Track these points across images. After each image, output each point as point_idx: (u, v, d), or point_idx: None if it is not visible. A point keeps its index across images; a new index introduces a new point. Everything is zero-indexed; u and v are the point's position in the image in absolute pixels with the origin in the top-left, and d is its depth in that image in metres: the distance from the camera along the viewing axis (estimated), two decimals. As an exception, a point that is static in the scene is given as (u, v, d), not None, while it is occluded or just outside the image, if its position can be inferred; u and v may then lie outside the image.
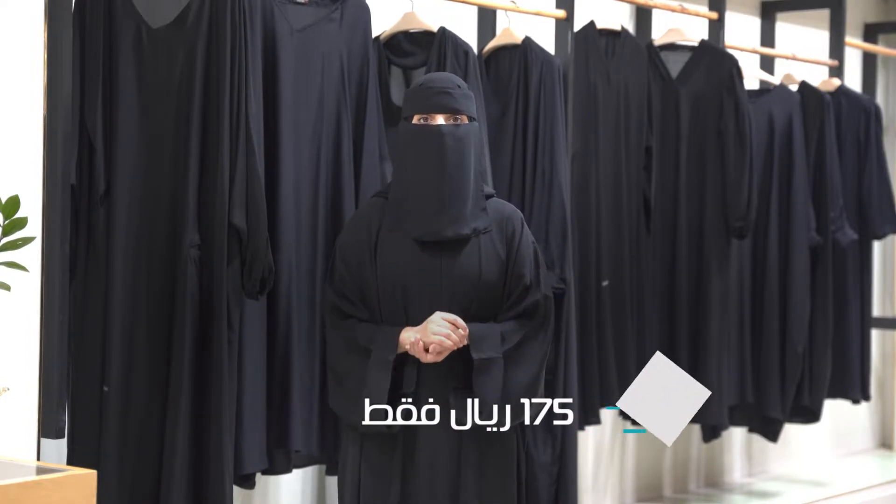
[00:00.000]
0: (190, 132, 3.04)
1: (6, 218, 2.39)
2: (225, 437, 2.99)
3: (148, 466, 3.01)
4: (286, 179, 3.23)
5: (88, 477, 2.34)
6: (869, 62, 6.01)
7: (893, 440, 6.46)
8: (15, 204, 2.40)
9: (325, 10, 3.34)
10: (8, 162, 2.80)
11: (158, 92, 3.06)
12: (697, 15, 4.76)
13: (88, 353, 3.01)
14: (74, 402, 3.01)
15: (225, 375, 3.00)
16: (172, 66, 3.06)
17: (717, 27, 4.79)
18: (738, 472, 5.60)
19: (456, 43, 3.67)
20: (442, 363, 2.97)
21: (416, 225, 3.00)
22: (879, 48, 5.99)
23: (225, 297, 3.02)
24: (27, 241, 2.44)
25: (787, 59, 5.33)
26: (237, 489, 3.23)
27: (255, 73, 3.10)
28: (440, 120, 3.02)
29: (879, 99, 6.04)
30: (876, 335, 6.12)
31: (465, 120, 3.04)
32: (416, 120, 3.04)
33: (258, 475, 3.27)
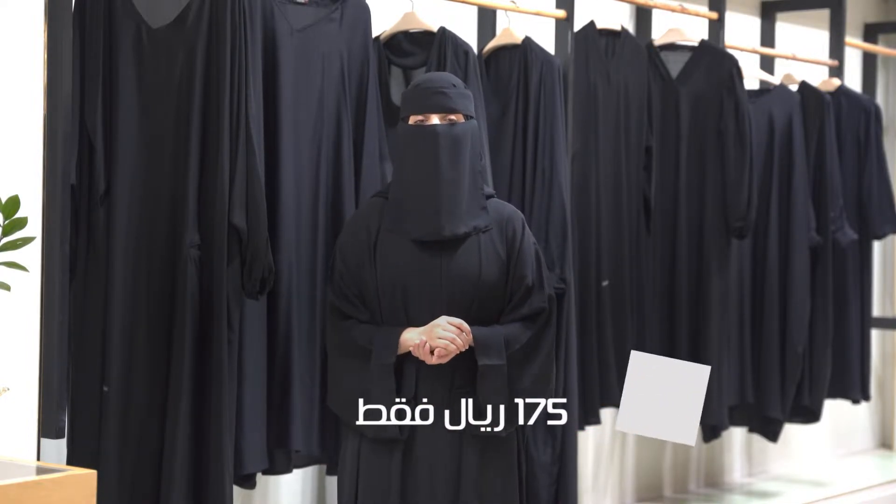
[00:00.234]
0: (190, 132, 3.04)
1: (6, 218, 2.39)
2: (225, 437, 2.99)
3: (148, 466, 3.01)
4: (286, 179, 3.23)
5: (88, 477, 2.34)
6: (869, 62, 6.00)
7: (893, 440, 6.45)
8: (15, 204, 2.39)
9: (325, 10, 3.34)
10: (8, 162, 2.79)
11: (158, 92, 3.06)
12: (697, 15, 4.76)
13: (88, 353, 3.01)
14: (74, 402, 3.01)
15: (225, 375, 3.00)
16: (172, 66, 3.05)
17: (717, 27, 4.79)
18: (738, 472, 5.60)
19: (456, 43, 3.67)
20: (443, 365, 2.97)
21: (414, 225, 3.00)
22: (879, 48, 5.99)
23: (225, 297, 3.01)
24: (27, 241, 2.44)
25: (787, 59, 5.33)
26: (237, 489, 3.23)
27: (255, 73, 3.10)
28: (435, 120, 3.02)
29: (879, 99, 6.03)
30: (876, 335, 6.12)
31: (461, 119, 3.04)
32: (412, 120, 3.05)
33: (258, 475, 3.27)
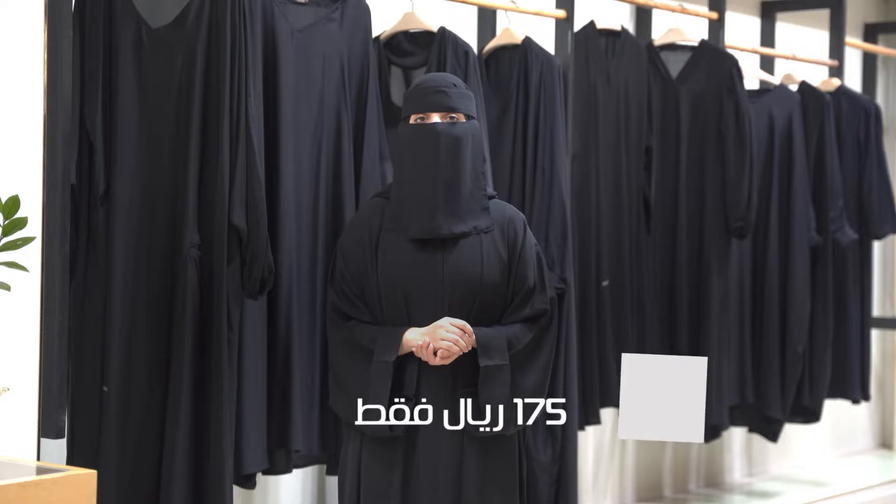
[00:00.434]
0: (190, 132, 3.04)
1: (6, 218, 2.39)
2: (225, 437, 2.99)
3: (148, 466, 3.01)
4: (286, 179, 3.23)
5: (88, 477, 2.34)
6: (869, 62, 6.00)
7: (893, 440, 6.45)
8: (15, 204, 2.40)
9: (325, 10, 3.34)
10: (8, 162, 2.79)
11: (158, 92, 3.05)
12: (697, 15, 4.76)
13: (88, 353, 3.01)
14: (74, 402, 3.01)
15: (225, 375, 3.00)
16: (172, 66, 3.05)
17: (717, 27, 4.79)
18: (738, 472, 5.60)
19: (456, 43, 3.67)
20: (445, 365, 2.97)
21: (414, 224, 3.00)
22: (879, 48, 5.99)
23: (225, 296, 3.01)
24: (27, 241, 2.44)
25: (787, 59, 5.33)
26: (237, 489, 3.23)
27: (255, 73, 3.10)
28: (436, 118, 3.02)
29: (879, 99, 6.03)
30: (876, 335, 6.12)
31: (461, 118, 3.04)
32: (413, 120, 3.05)
33: (258, 475, 3.27)
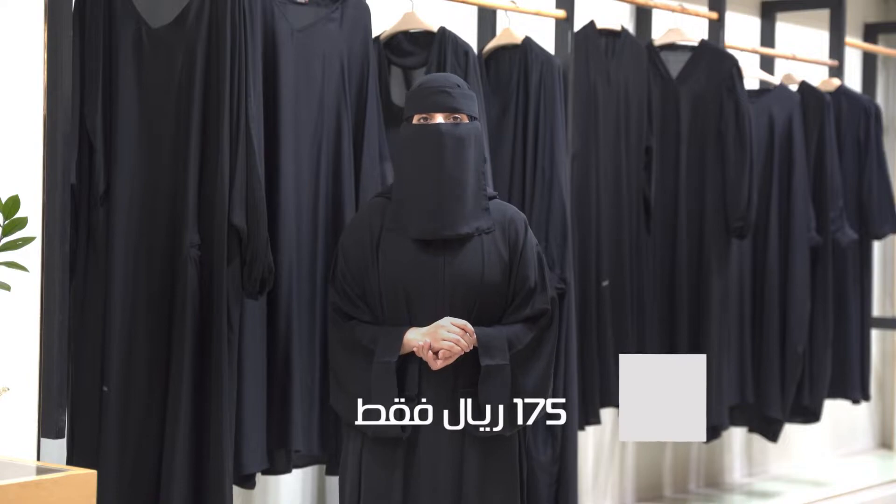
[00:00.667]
0: (190, 132, 3.04)
1: (6, 218, 2.39)
2: (225, 437, 2.99)
3: (148, 466, 3.01)
4: (286, 179, 3.23)
5: (88, 477, 2.34)
6: (869, 62, 6.00)
7: (893, 440, 6.45)
8: (15, 204, 2.40)
9: (325, 10, 3.34)
10: (8, 162, 2.79)
11: (158, 92, 3.05)
12: (697, 15, 4.76)
13: (88, 353, 3.01)
14: (74, 402, 3.01)
15: (225, 375, 3.00)
16: (172, 66, 3.05)
17: (717, 27, 4.79)
18: (738, 472, 5.60)
19: (456, 43, 3.67)
20: (447, 366, 2.97)
21: (416, 224, 3.00)
22: (879, 48, 5.99)
23: (225, 296, 3.01)
24: (27, 241, 2.44)
25: (787, 59, 5.33)
26: (237, 489, 3.23)
27: (255, 73, 3.10)
28: (439, 119, 3.02)
29: (879, 99, 6.03)
30: (876, 335, 6.12)
31: (464, 119, 3.04)
32: (416, 120, 3.05)
33: (258, 475, 3.27)
